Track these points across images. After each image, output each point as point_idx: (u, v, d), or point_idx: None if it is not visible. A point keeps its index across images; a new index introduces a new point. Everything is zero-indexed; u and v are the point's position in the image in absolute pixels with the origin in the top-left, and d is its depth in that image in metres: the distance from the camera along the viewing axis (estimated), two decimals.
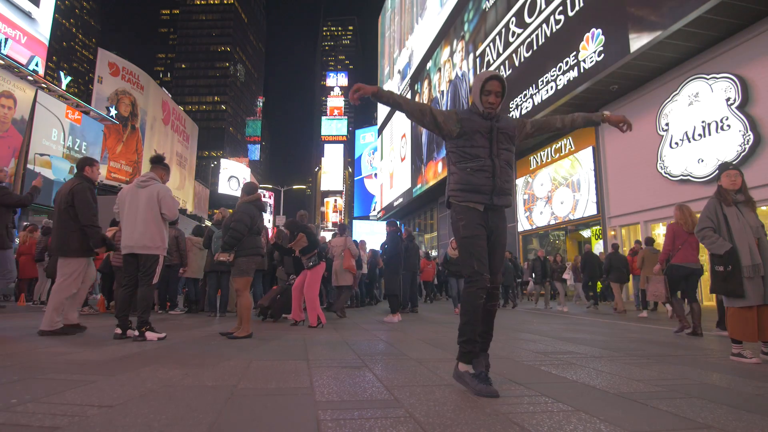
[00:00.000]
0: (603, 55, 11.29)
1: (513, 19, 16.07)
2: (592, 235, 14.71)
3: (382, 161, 38.11)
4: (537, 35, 14.43)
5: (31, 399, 1.88)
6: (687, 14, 9.04)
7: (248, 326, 4.22)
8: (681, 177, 10.69)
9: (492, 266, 2.32)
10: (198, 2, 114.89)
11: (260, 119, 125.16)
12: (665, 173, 11.15)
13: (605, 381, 2.47)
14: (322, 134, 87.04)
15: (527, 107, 14.74)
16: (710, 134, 10.00)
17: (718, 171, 3.59)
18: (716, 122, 9.87)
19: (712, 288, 3.41)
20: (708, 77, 10.11)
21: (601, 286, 11.26)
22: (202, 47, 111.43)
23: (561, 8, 13.17)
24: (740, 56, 9.55)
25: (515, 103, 15.44)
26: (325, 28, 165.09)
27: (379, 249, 9.63)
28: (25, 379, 2.28)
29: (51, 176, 17.73)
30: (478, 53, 19.10)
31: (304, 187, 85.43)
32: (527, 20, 15.08)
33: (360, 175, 48.87)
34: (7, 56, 15.38)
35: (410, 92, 30.54)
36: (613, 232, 13.05)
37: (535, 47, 14.51)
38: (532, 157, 16.97)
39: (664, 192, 11.20)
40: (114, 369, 2.60)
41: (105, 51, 25.87)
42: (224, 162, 56.76)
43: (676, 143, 10.86)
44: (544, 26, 14.00)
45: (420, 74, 28.44)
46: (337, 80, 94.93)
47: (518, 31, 15.65)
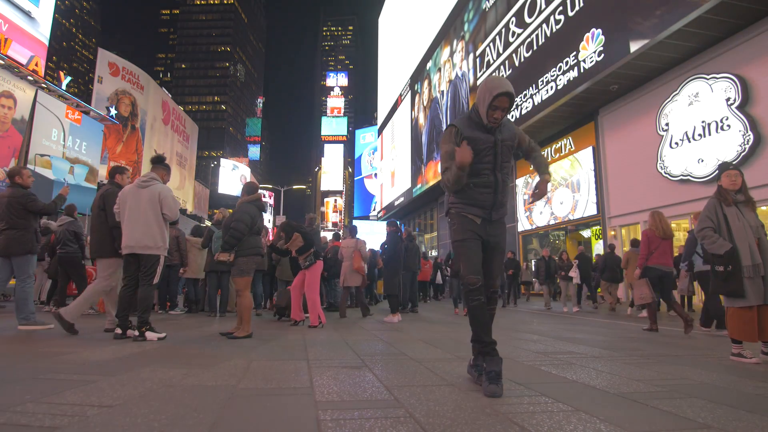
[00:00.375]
0: (603, 55, 11.29)
1: (513, 19, 16.07)
2: (592, 235, 14.71)
3: (383, 161, 38.12)
4: (537, 35, 14.42)
5: (31, 399, 1.88)
6: (687, 14, 9.04)
7: (248, 326, 4.23)
8: (681, 177, 10.69)
9: (490, 272, 2.37)
10: (198, 2, 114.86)
11: (260, 117, 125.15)
12: (665, 173, 11.15)
13: (605, 381, 2.47)
14: (322, 134, 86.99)
15: (527, 107, 14.74)
16: (710, 134, 10.00)
17: (718, 171, 3.59)
18: (716, 122, 9.87)
19: (713, 288, 3.41)
20: (708, 77, 10.11)
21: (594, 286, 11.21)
22: (202, 47, 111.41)
23: (561, 8, 13.17)
24: (740, 56, 9.54)
25: (515, 103, 15.44)
26: (325, 28, 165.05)
27: (379, 249, 9.63)
28: (25, 379, 2.28)
29: (51, 176, 17.72)
30: (478, 53, 19.10)
31: (304, 187, 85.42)
32: (527, 20, 15.07)
33: (360, 175, 48.90)
34: (7, 56, 15.37)
35: (410, 92, 30.55)
36: (613, 232, 13.04)
37: (535, 47, 14.50)
38: None
39: (664, 192, 11.19)
40: (114, 369, 2.60)
41: (105, 51, 25.86)
42: (224, 162, 56.92)
43: (676, 143, 10.86)
44: (544, 26, 14.00)
45: (420, 74, 28.44)
46: (337, 80, 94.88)
47: (518, 31, 15.65)
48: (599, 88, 12.22)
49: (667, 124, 11.15)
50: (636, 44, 10.30)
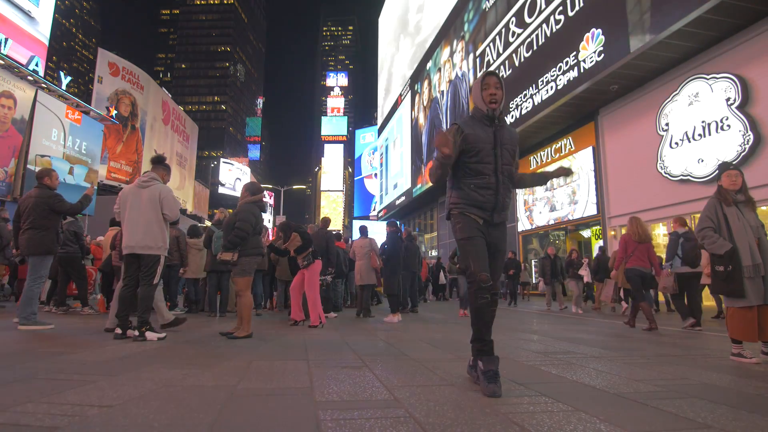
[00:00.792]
0: (603, 55, 11.28)
1: (513, 19, 16.06)
2: (592, 235, 14.70)
3: (383, 161, 38.11)
4: (537, 35, 14.42)
5: (31, 399, 1.88)
6: (687, 14, 9.04)
7: (248, 326, 4.22)
8: (681, 177, 10.69)
9: (494, 273, 2.36)
10: (198, 2, 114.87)
11: (260, 117, 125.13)
12: (665, 173, 11.15)
13: (605, 381, 2.47)
14: (322, 134, 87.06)
15: (527, 107, 14.74)
16: (710, 134, 10.00)
17: (719, 171, 3.59)
18: (716, 122, 9.87)
19: (713, 288, 3.41)
20: (708, 77, 10.11)
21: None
22: (202, 47, 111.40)
23: (561, 8, 13.17)
24: (740, 56, 9.54)
25: (515, 103, 15.44)
26: (325, 28, 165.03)
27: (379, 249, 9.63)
28: (25, 379, 2.28)
29: None
30: (478, 53, 19.10)
31: (304, 187, 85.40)
32: (527, 20, 15.07)
33: (360, 175, 48.92)
34: (7, 56, 15.35)
35: (410, 92, 30.55)
36: (613, 232, 13.04)
37: (535, 47, 14.50)
38: (532, 157, 16.96)
39: (664, 192, 11.20)
40: (114, 369, 2.60)
41: (105, 51, 25.83)
42: (224, 163, 56.97)
43: (676, 143, 10.86)
44: (544, 26, 14.00)
45: (420, 74, 28.44)
46: (337, 80, 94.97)
47: (518, 31, 15.65)
48: (599, 88, 12.22)
49: (667, 124, 11.15)
50: (636, 44, 10.30)
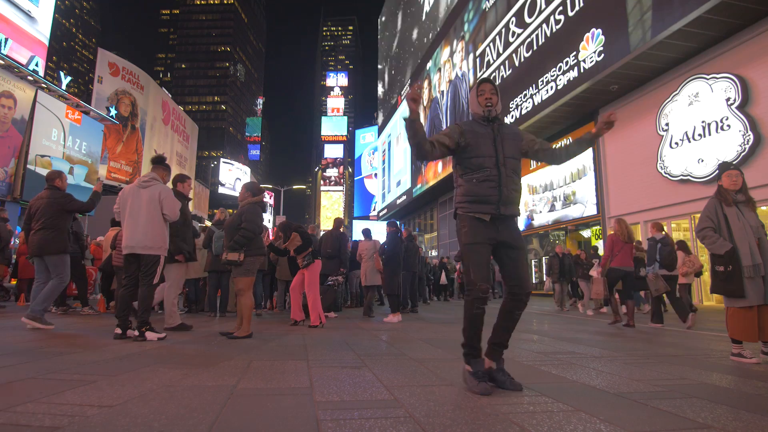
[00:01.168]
0: (603, 55, 11.28)
1: (513, 19, 16.06)
2: (592, 235, 14.70)
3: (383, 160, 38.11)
4: (537, 35, 14.42)
5: (31, 399, 1.88)
6: (687, 14, 9.04)
7: (248, 326, 4.22)
8: (681, 177, 10.69)
9: (517, 272, 2.28)
10: (198, 2, 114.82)
11: (260, 117, 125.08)
12: (665, 173, 11.15)
13: (605, 381, 2.47)
14: (322, 134, 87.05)
15: (527, 107, 14.74)
16: (710, 134, 10.00)
17: (719, 171, 3.59)
18: (716, 122, 9.87)
19: (713, 288, 3.41)
20: (708, 77, 10.11)
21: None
22: (202, 47, 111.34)
23: (561, 8, 13.17)
24: (740, 56, 9.55)
25: (515, 103, 15.44)
26: (325, 28, 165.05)
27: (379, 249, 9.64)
28: (25, 379, 2.28)
29: None
30: (478, 53, 19.10)
31: (304, 187, 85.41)
32: (527, 20, 15.07)
33: (360, 175, 48.93)
34: (7, 56, 15.35)
35: None
36: (613, 232, 13.03)
37: (535, 47, 14.50)
38: None
39: (664, 192, 11.20)
40: (114, 369, 2.60)
41: (105, 51, 25.81)
42: (224, 163, 56.94)
43: (676, 143, 10.86)
44: (544, 26, 14.00)
45: (420, 74, 28.43)
46: (337, 80, 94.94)
47: (518, 31, 15.65)
48: (599, 88, 12.23)
49: (667, 124, 11.15)
50: (636, 44, 10.30)
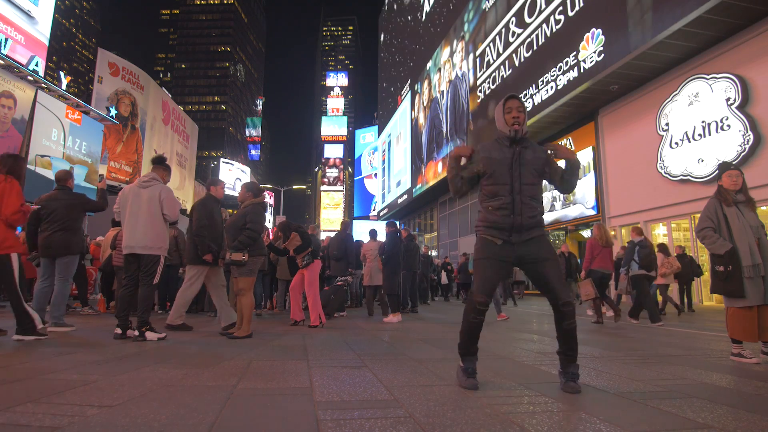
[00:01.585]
0: (603, 55, 11.28)
1: (513, 19, 16.06)
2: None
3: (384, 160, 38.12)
4: (537, 35, 14.42)
5: (31, 399, 1.88)
6: (687, 14, 9.03)
7: (248, 326, 4.22)
8: (681, 177, 10.69)
9: (547, 285, 2.26)
10: (198, 2, 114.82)
11: (260, 117, 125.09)
12: (665, 173, 11.15)
13: (605, 381, 2.47)
14: (322, 134, 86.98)
15: (527, 107, 14.74)
16: (710, 134, 10.00)
17: (719, 171, 3.59)
18: (716, 122, 9.87)
19: (713, 288, 3.41)
20: (708, 77, 10.10)
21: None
22: (202, 47, 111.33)
23: (561, 8, 13.17)
24: (740, 56, 9.54)
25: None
26: (325, 28, 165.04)
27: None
28: (25, 379, 2.28)
29: (51, 177, 17.70)
30: (478, 53, 19.10)
31: (304, 187, 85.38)
32: (527, 20, 15.07)
33: (360, 175, 48.93)
34: (7, 56, 15.34)
35: (410, 92, 30.54)
36: (613, 232, 13.04)
37: (535, 47, 14.50)
38: None
39: (664, 192, 11.20)
40: (114, 369, 2.60)
41: (105, 51, 25.80)
42: (224, 162, 56.92)
43: (676, 143, 10.86)
44: (544, 26, 14.00)
45: (420, 74, 28.44)
46: (337, 80, 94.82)
47: (518, 31, 15.65)
48: (599, 88, 12.22)
49: (667, 124, 11.15)
50: (636, 44, 10.30)
